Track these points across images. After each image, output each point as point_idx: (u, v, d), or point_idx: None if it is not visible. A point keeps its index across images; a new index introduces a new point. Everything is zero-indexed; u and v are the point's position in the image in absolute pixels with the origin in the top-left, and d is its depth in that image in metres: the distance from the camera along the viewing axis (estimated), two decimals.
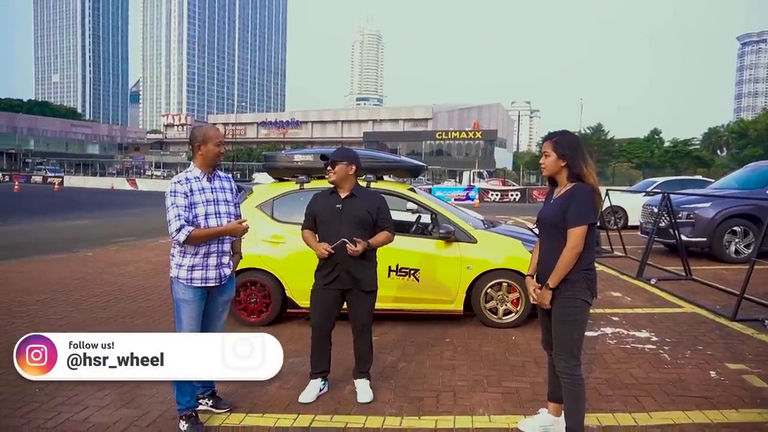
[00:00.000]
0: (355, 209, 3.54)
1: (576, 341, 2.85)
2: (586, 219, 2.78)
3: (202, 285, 3.10)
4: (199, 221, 3.07)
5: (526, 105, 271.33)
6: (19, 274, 7.89)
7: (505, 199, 32.70)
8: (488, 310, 5.23)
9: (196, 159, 3.17)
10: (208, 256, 3.11)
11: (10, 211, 20.26)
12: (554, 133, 2.99)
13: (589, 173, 2.85)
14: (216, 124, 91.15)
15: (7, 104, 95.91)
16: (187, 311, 3.08)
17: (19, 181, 44.37)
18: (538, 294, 2.91)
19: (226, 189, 3.27)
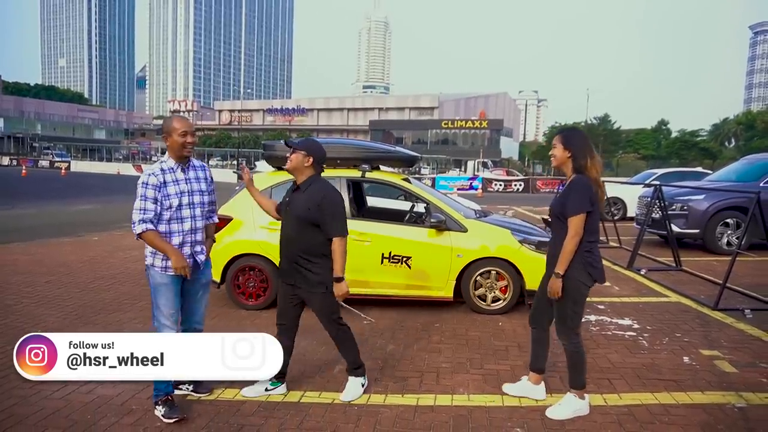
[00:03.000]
0: (296, 204, 3.35)
1: (570, 316, 3.21)
2: (582, 208, 3.07)
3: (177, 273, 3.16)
4: (172, 212, 3.15)
5: (533, 94, 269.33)
6: (27, 257, 8.14)
7: (508, 189, 32.76)
8: (477, 297, 5.42)
9: (168, 150, 3.24)
10: (183, 246, 3.18)
11: (18, 195, 20.56)
12: (564, 128, 3.42)
13: (593, 166, 3.16)
14: (222, 111, 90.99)
15: (15, 88, 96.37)
16: (164, 293, 3.13)
17: (27, 166, 44.78)
18: (550, 284, 3.18)
19: (201, 179, 3.31)
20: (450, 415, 3.26)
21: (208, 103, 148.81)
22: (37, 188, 24.47)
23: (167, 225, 3.16)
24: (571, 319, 3.21)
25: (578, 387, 3.28)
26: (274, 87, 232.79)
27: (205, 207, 3.31)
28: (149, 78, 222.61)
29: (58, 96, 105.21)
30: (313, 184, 3.39)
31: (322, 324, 3.56)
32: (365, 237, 5.35)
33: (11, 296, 5.83)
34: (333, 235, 3.32)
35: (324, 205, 3.29)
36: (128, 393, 3.45)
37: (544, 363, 3.50)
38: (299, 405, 3.37)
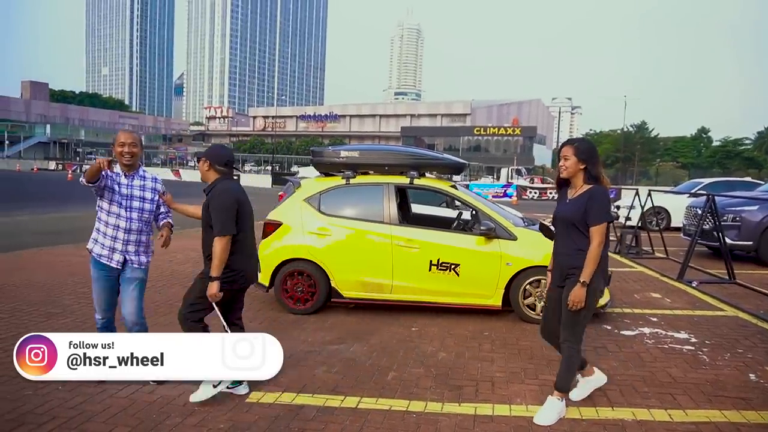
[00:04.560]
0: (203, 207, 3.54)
1: (582, 322, 3.27)
2: (606, 217, 3.16)
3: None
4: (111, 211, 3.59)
5: (567, 101, 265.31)
6: (79, 258, 8.39)
7: (543, 197, 32.32)
8: (526, 306, 5.34)
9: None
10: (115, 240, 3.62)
11: (67, 198, 21.32)
12: (574, 139, 3.40)
13: (604, 176, 3.26)
14: (256, 117, 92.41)
15: (61, 96, 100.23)
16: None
17: (72, 170, 46.38)
18: (574, 294, 3.13)
19: (147, 188, 3.69)
20: (510, 426, 3.21)
21: (243, 109, 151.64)
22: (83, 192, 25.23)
23: (106, 216, 3.63)
24: (582, 325, 3.27)
25: (565, 390, 3.35)
26: (307, 94, 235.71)
27: (144, 213, 3.67)
28: (186, 86, 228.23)
29: (100, 103, 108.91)
30: (213, 187, 3.52)
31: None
32: (413, 243, 5.34)
33: (69, 296, 6.02)
34: (214, 235, 3.35)
35: (213, 205, 3.43)
36: (188, 394, 3.51)
37: (583, 358, 3.52)
38: (357, 411, 3.37)
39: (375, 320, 5.36)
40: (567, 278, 3.25)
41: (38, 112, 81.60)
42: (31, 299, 5.77)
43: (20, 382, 3.49)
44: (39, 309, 5.44)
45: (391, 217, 5.45)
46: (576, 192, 3.27)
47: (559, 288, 3.32)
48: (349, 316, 5.51)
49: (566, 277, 3.25)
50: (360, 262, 5.40)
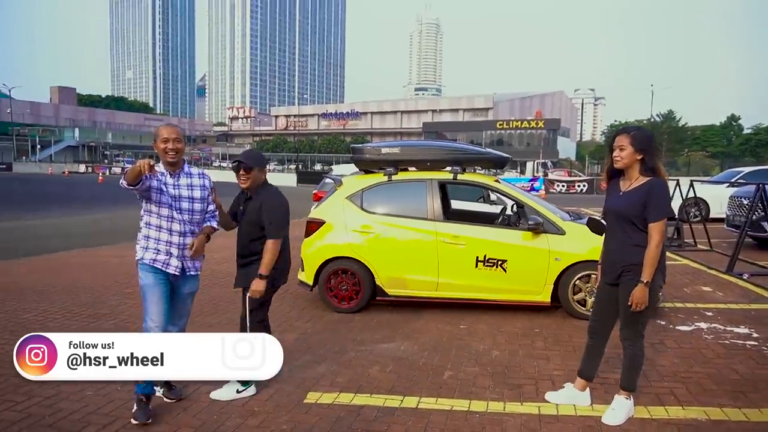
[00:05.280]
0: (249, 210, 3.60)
1: (643, 321, 3.14)
2: (667, 212, 3.00)
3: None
4: (162, 214, 3.23)
5: (590, 92, 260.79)
6: (117, 259, 8.53)
7: (571, 190, 31.83)
8: (576, 302, 5.21)
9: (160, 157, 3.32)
10: (170, 246, 3.28)
11: (100, 200, 21.78)
12: (630, 127, 3.18)
13: (661, 167, 3.07)
14: (278, 116, 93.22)
15: (89, 100, 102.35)
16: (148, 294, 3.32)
17: (102, 172, 47.37)
18: (636, 295, 3.00)
19: (195, 186, 3.36)
20: (578, 426, 3.11)
21: (265, 109, 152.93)
22: (116, 193, 25.78)
23: (156, 220, 3.26)
24: (643, 323, 3.15)
25: (632, 389, 3.22)
26: (328, 92, 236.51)
27: (194, 215, 3.34)
28: (209, 87, 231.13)
29: (126, 106, 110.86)
30: (262, 190, 3.61)
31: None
32: (459, 240, 5.26)
33: (114, 297, 6.10)
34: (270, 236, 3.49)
35: (266, 207, 3.53)
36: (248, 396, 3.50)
37: (595, 372, 3.44)
38: (418, 411, 3.31)
39: (421, 318, 5.30)
40: (621, 275, 3.11)
41: (67, 117, 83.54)
42: (80, 300, 5.85)
43: (83, 383, 3.55)
44: (88, 310, 5.51)
45: (435, 214, 5.37)
46: (631, 184, 3.08)
47: (611, 285, 3.19)
48: (394, 314, 5.45)
49: (620, 274, 3.12)
50: (405, 259, 5.34)
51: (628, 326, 3.15)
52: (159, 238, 3.26)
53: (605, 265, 3.24)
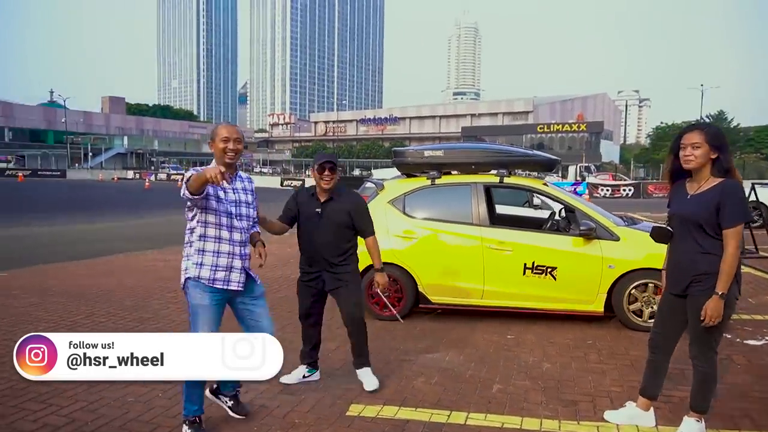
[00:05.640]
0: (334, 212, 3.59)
1: (717, 336, 2.89)
2: (744, 217, 2.77)
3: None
4: (224, 221, 2.94)
5: (634, 94, 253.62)
6: (163, 263, 8.66)
7: (616, 194, 30.86)
8: (632, 312, 4.91)
9: (215, 159, 3.02)
10: (233, 257, 2.99)
11: (147, 205, 22.42)
12: (700, 124, 3.03)
13: (735, 168, 2.81)
14: (317, 122, 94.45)
15: (137, 109, 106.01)
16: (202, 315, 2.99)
17: (149, 178, 48.93)
18: (710, 308, 2.73)
19: (248, 190, 3.13)
20: None
21: (304, 115, 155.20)
22: (162, 199, 26.56)
23: (216, 230, 2.93)
24: (716, 340, 2.89)
25: (703, 410, 2.95)
26: (366, 97, 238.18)
27: (251, 220, 3.13)
28: (250, 94, 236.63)
29: (171, 114, 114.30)
30: (342, 192, 3.69)
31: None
32: (506, 246, 5.04)
33: (157, 301, 6.14)
34: (370, 234, 3.70)
35: (360, 208, 3.70)
36: (287, 406, 3.40)
37: (660, 390, 3.15)
38: (467, 428, 3.12)
39: (465, 327, 5.10)
40: (690, 286, 2.84)
41: (116, 125, 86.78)
42: (125, 304, 5.91)
43: (124, 387, 3.53)
44: (132, 314, 5.55)
45: (480, 218, 5.17)
46: (700, 187, 2.81)
47: (677, 297, 2.92)
48: (438, 322, 5.27)
49: (689, 285, 2.85)
50: (449, 265, 5.15)
51: (698, 342, 2.88)
52: (219, 250, 2.93)
53: (671, 275, 2.97)
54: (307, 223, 3.61)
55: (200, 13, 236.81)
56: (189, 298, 2.97)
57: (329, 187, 3.54)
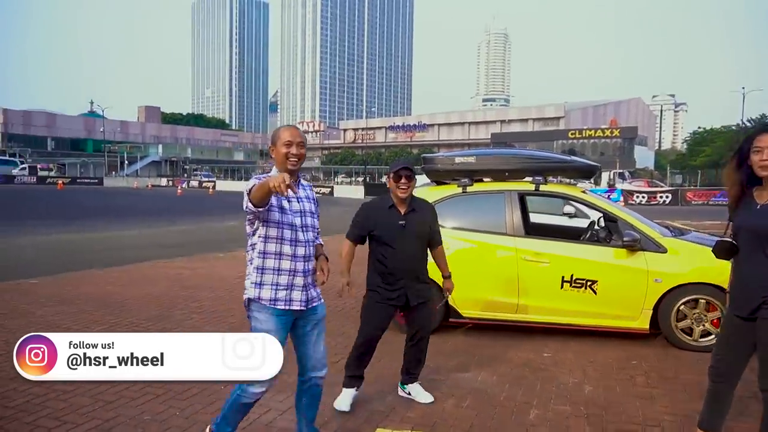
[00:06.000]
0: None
1: None
2: None
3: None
4: (286, 233, 2.62)
5: (669, 98, 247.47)
6: (189, 271, 8.61)
7: (652, 201, 29.92)
8: (681, 331, 4.55)
9: (275, 164, 2.73)
10: (295, 275, 2.67)
11: (178, 212, 22.71)
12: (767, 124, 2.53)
13: None
14: (347, 130, 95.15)
15: (171, 118, 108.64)
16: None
17: (181, 186, 49.84)
18: None
19: (311, 199, 2.82)
20: None
21: (334, 122, 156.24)
22: (192, 206, 26.94)
23: (277, 245, 2.61)
24: None
25: None
26: (395, 104, 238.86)
27: (316, 231, 2.81)
28: (280, 102, 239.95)
29: (204, 123, 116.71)
30: (421, 201, 3.60)
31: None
32: (542, 257, 4.74)
33: (180, 311, 6.04)
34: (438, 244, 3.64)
35: (434, 219, 3.60)
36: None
37: (722, 424, 2.79)
38: None
39: (498, 343, 4.81)
40: (761, 308, 2.52)
41: (152, 134, 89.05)
42: (148, 314, 5.82)
43: (141, 404, 3.38)
44: (156, 324, 5.45)
45: (515, 228, 4.89)
46: None
47: (745, 320, 2.60)
48: (469, 337, 5.00)
49: (760, 307, 2.53)
50: (481, 278, 4.89)
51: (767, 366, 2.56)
52: (280, 268, 2.64)
53: (737, 295, 2.65)
54: (389, 238, 3.41)
55: (233, 24, 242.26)
56: (252, 321, 2.70)
57: (406, 196, 3.39)
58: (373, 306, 3.48)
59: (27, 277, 7.80)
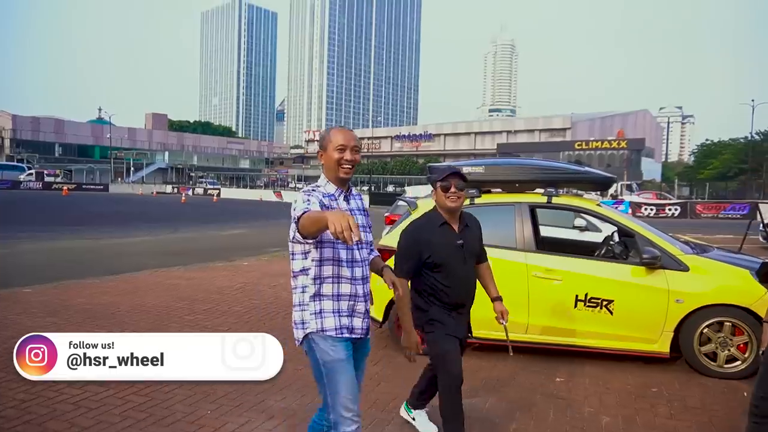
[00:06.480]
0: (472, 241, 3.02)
1: None
2: None
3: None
4: (341, 252, 2.32)
5: (677, 110, 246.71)
6: (186, 281, 8.35)
7: (661, 213, 29.50)
8: (704, 356, 4.24)
9: (323, 170, 2.42)
10: (353, 300, 2.37)
11: (181, 220, 22.51)
12: None
13: None
14: None
15: (178, 125, 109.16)
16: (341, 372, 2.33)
17: (186, 193, 49.80)
18: None
19: (362, 209, 2.49)
20: None
21: None
22: (196, 213, 26.76)
23: (335, 268, 2.30)
24: None
25: None
26: (401, 114, 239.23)
27: (369, 246, 2.54)
28: (287, 111, 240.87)
29: (211, 130, 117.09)
30: (469, 215, 3.13)
31: None
32: (554, 275, 4.45)
33: (176, 323, 5.78)
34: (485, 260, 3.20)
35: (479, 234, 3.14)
36: None
37: None
38: None
39: (507, 365, 4.51)
40: None
41: (159, 141, 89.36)
42: (140, 326, 5.57)
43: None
44: None
45: (525, 243, 4.61)
46: None
47: None
48: (475, 358, 4.69)
49: None
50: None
51: None
52: (340, 293, 2.32)
53: None
54: (448, 262, 2.88)
55: (241, 34, 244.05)
56: (317, 354, 2.31)
57: (457, 206, 2.88)
58: (446, 340, 2.92)
59: (22, 285, 7.60)
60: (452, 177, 2.86)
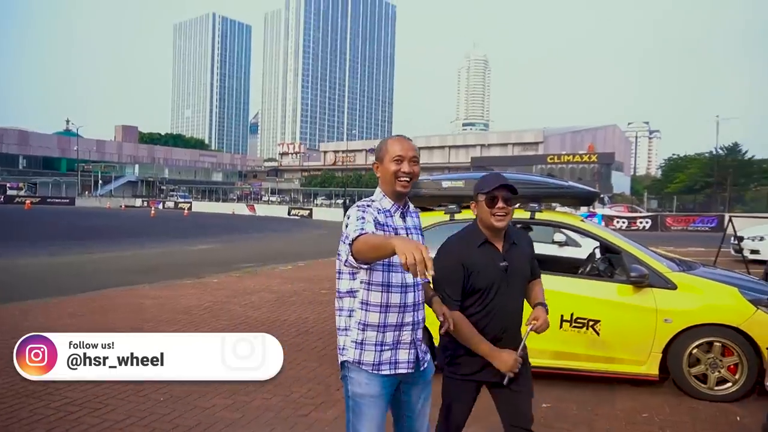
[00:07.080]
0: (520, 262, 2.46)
1: None
2: None
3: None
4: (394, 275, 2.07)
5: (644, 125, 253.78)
6: (152, 300, 7.93)
7: (633, 226, 29.93)
8: (694, 377, 4.08)
9: (380, 183, 2.18)
10: (403, 329, 2.13)
11: (149, 234, 21.82)
12: None
13: None
14: (327, 152, 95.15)
15: (149, 137, 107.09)
16: (369, 410, 2.11)
17: (155, 207, 48.69)
18: None
19: (418, 228, 2.24)
20: None
21: (314, 145, 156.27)
22: (165, 228, 26.01)
23: (384, 295, 2.06)
24: None
25: None
26: (376, 127, 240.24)
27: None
28: (261, 124, 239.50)
29: (183, 143, 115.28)
30: (517, 232, 2.57)
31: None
32: None
33: None
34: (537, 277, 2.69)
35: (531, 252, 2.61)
36: None
37: None
38: None
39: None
40: None
41: (128, 153, 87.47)
42: None
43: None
44: None
45: None
46: None
47: None
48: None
49: None
50: None
51: None
52: (386, 323, 2.08)
53: None
54: (487, 287, 2.36)
55: (215, 46, 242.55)
56: (349, 385, 2.13)
57: (503, 226, 2.33)
58: (458, 385, 2.49)
59: None
60: (500, 190, 2.30)
